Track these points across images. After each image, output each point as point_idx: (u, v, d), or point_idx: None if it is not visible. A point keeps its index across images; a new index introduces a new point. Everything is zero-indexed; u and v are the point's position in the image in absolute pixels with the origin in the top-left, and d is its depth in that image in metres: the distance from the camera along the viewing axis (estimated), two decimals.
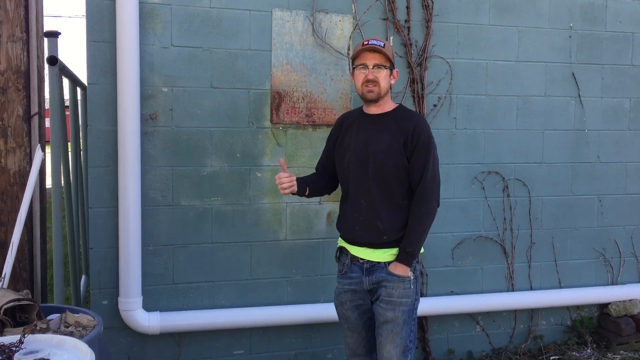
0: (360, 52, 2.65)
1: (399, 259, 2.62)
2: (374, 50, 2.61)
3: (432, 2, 3.72)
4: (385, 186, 2.63)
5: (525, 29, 3.93)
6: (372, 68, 2.62)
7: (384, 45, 2.63)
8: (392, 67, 2.67)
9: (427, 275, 3.88)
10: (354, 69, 2.71)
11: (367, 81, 2.63)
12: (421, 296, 3.22)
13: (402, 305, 2.61)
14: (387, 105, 2.72)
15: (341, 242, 2.81)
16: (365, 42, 2.63)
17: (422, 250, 2.70)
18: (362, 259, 2.69)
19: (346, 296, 2.75)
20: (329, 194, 2.99)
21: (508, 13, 3.90)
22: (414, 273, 2.64)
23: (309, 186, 2.84)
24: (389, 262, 2.64)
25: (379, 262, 2.65)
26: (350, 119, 2.81)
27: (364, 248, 2.69)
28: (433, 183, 2.63)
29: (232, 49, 3.46)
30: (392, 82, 2.70)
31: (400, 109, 2.74)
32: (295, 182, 2.72)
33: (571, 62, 4.04)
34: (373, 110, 2.72)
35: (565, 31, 4.01)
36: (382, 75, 2.63)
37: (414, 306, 2.67)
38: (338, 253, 2.83)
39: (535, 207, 4.06)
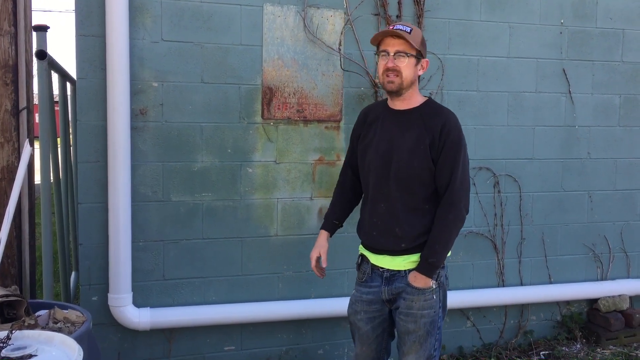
0: (382, 37, 2.45)
1: (419, 269, 2.43)
2: (397, 35, 2.40)
3: None
4: (407, 189, 2.45)
5: (516, 25, 3.94)
6: (393, 55, 2.41)
7: (411, 30, 2.41)
8: (419, 56, 2.45)
9: None
10: (377, 55, 2.52)
11: (387, 70, 2.42)
12: None
13: (424, 317, 2.46)
14: (414, 100, 2.51)
15: (362, 250, 2.66)
16: (391, 27, 2.44)
17: (449, 254, 2.53)
18: (382, 268, 2.54)
19: (361, 306, 2.60)
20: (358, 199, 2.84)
21: (499, 9, 3.90)
22: (437, 281, 2.46)
23: (339, 220, 2.80)
24: (410, 270, 2.48)
25: (399, 271, 2.51)
26: (374, 113, 2.61)
27: (383, 256, 2.53)
28: (462, 187, 2.43)
29: (223, 44, 3.44)
30: (420, 72, 2.49)
31: (428, 103, 2.52)
32: (324, 266, 2.71)
33: (562, 58, 4.05)
34: (398, 105, 2.52)
35: (556, 27, 4.02)
36: (405, 64, 2.41)
37: (438, 315, 2.49)
38: (360, 260, 2.67)
39: (526, 202, 4.07)
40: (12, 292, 2.59)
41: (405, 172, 2.45)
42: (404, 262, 2.50)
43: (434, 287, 2.47)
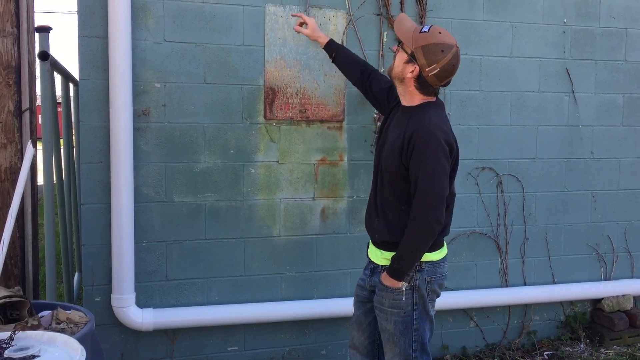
0: None
1: (387, 270, 2.47)
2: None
3: None
4: (385, 184, 2.52)
5: (519, 24, 3.93)
6: (398, 43, 2.51)
7: (425, 30, 2.42)
8: (412, 57, 2.42)
9: None
10: None
11: None
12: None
13: (394, 315, 2.49)
14: (412, 99, 2.51)
15: None
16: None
17: (441, 256, 2.53)
18: (369, 258, 2.67)
19: (357, 290, 2.75)
20: (354, 80, 3.02)
21: (502, 8, 3.89)
22: (409, 283, 2.46)
23: (337, 52, 3.00)
24: (384, 268, 2.53)
25: (377, 265, 2.59)
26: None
27: (371, 245, 2.66)
28: (429, 198, 2.34)
29: (225, 44, 3.44)
30: (408, 75, 2.44)
31: (420, 106, 2.48)
32: (317, 29, 3.10)
33: (565, 57, 4.04)
34: (401, 99, 2.56)
35: (559, 27, 4.01)
36: (397, 55, 2.50)
37: (412, 317, 2.49)
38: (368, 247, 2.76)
39: (529, 202, 4.06)
40: (15, 293, 2.60)
41: (383, 167, 2.52)
42: (380, 257, 2.57)
43: (404, 289, 2.47)
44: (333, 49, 3.09)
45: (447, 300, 3.87)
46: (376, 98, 2.92)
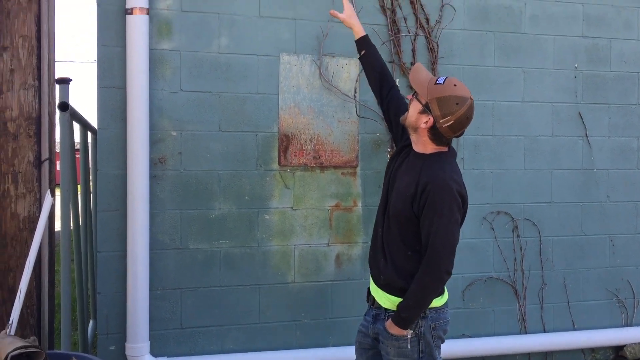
0: None
1: (393, 318, 2.46)
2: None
3: (437, 45, 3.77)
4: (392, 227, 2.51)
5: (530, 70, 3.97)
6: (413, 93, 2.53)
7: (440, 82, 2.44)
8: (427, 108, 2.43)
9: None
10: None
11: None
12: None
13: None
14: (424, 148, 2.51)
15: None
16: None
17: (443, 302, 2.52)
18: (372, 305, 2.61)
19: (359, 336, 2.70)
20: (372, 86, 2.98)
21: (513, 55, 3.94)
22: (414, 331, 2.45)
23: (368, 50, 2.95)
24: (389, 313, 2.51)
25: (380, 312, 2.55)
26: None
27: (373, 284, 2.62)
28: (443, 250, 2.36)
29: (241, 93, 3.50)
30: (422, 125, 2.45)
31: (433, 156, 2.48)
32: (354, 16, 3.02)
33: (577, 102, 4.06)
34: (414, 146, 2.55)
35: (570, 72, 4.04)
36: (412, 105, 2.51)
37: None
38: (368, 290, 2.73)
39: (546, 247, 4.02)
40: (31, 343, 2.59)
41: (392, 211, 2.51)
42: (384, 299, 2.54)
43: (409, 336, 2.45)
44: (364, 46, 2.98)
45: (464, 347, 3.81)
46: (391, 121, 2.87)
